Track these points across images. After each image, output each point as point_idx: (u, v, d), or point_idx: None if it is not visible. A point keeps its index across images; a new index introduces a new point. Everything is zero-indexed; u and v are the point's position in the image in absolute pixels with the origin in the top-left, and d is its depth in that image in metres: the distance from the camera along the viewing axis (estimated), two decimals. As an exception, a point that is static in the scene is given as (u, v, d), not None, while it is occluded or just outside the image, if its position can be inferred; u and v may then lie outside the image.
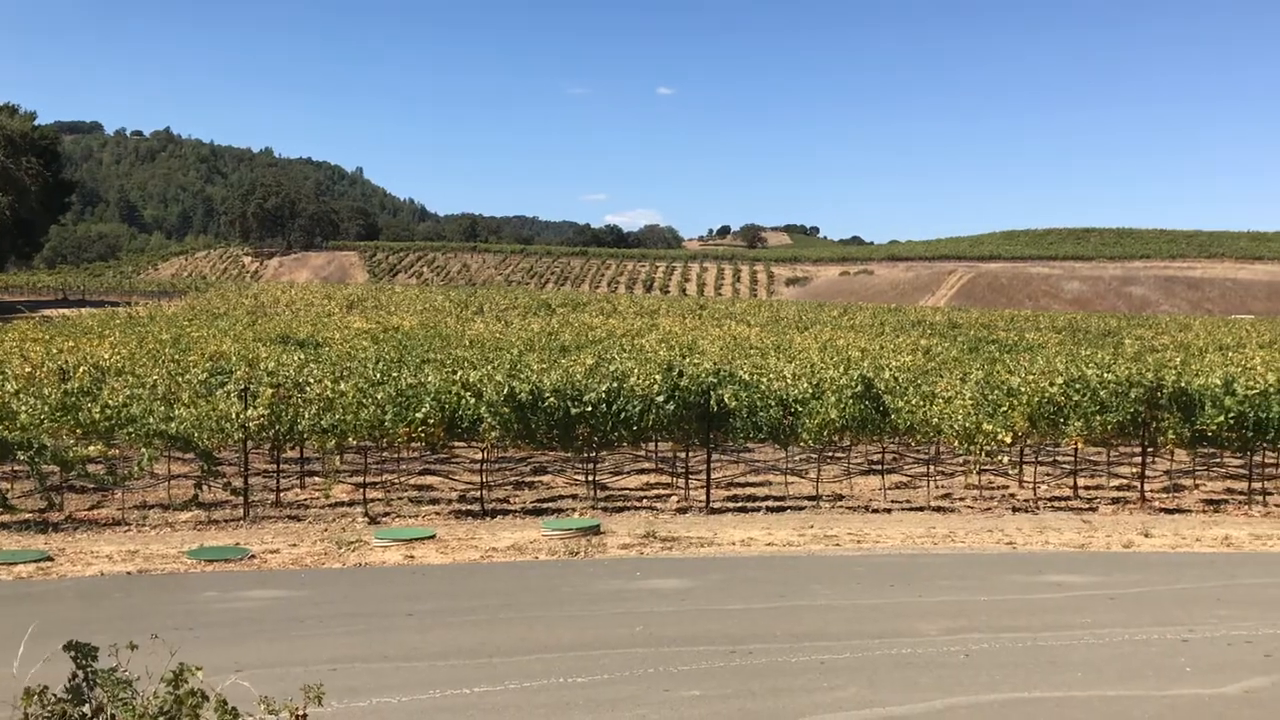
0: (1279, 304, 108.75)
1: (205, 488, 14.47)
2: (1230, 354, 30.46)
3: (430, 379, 15.71)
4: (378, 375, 16.84)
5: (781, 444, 16.34)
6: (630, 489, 17.25)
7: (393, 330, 34.75)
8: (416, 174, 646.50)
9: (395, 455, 19.18)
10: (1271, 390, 15.61)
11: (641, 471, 19.05)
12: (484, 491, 15.82)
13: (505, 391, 14.73)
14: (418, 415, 14.59)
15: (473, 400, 14.89)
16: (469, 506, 15.27)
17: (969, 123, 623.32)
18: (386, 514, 14.61)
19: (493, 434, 14.87)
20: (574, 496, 16.29)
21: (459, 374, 16.10)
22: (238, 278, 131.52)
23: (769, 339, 34.92)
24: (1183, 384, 15.97)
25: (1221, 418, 15.44)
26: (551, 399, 14.83)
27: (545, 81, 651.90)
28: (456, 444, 17.79)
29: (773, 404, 15.89)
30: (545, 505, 15.55)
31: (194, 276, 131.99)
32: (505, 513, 14.91)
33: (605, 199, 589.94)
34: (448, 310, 53.25)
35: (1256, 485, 16.90)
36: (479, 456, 16.86)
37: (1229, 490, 17.77)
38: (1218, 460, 20.60)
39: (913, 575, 11.05)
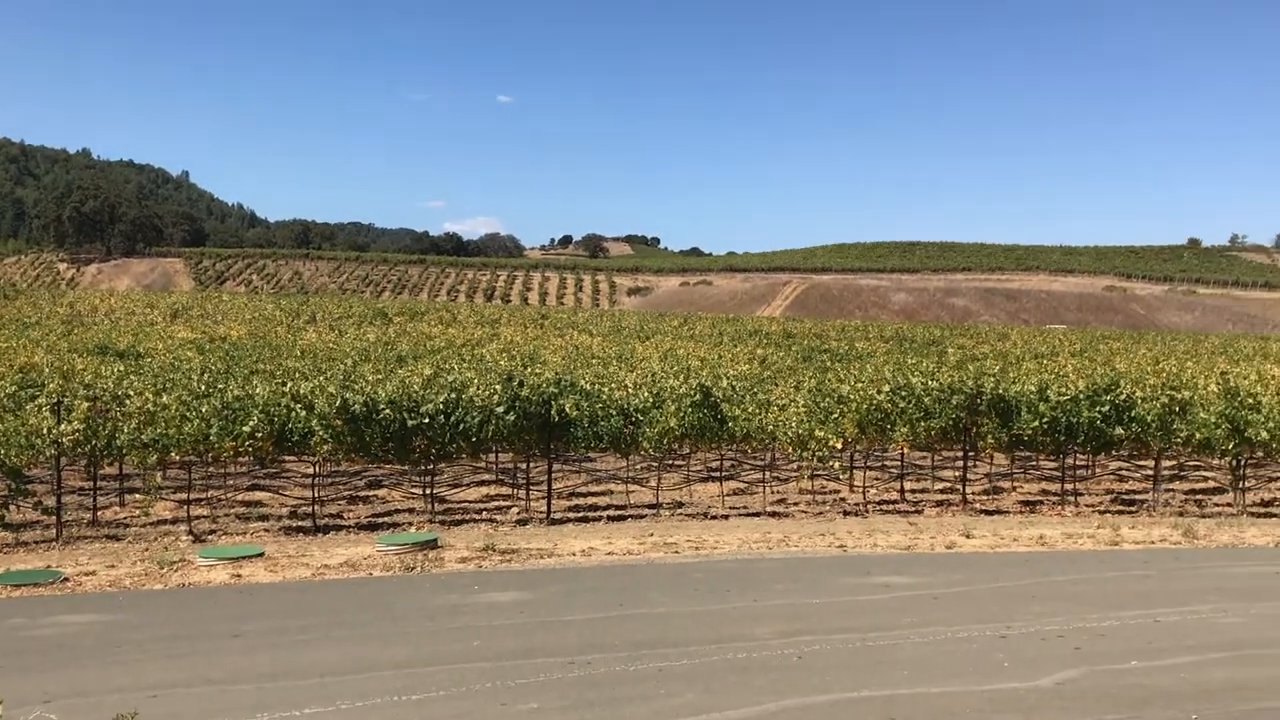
0: (1089, 314, 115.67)
1: (13, 507, 13.59)
2: (1045, 362, 32.23)
3: (259, 391, 15.18)
4: (203, 387, 16.20)
5: (623, 453, 16.42)
6: (470, 501, 17.05)
7: (220, 340, 33.58)
8: (246, 178, 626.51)
9: (222, 470, 18.46)
10: (1081, 396, 16.54)
11: (482, 483, 18.86)
12: (316, 507, 15.37)
13: (338, 403, 14.36)
14: (245, 429, 14.09)
15: (304, 413, 14.46)
16: (300, 523, 14.80)
17: (802, 139, 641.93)
18: (212, 532, 14.03)
19: (325, 447, 14.47)
20: (411, 510, 15.99)
21: (289, 385, 15.62)
22: (52, 285, 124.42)
23: (611, 349, 35.13)
24: (1001, 391, 16.77)
25: (1036, 422, 16.28)
26: (387, 411, 14.53)
27: (383, 85, 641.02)
28: (287, 458, 17.27)
29: (614, 413, 15.96)
30: (381, 520, 15.22)
31: (2, 284, 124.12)
32: (339, 528, 14.51)
33: (444, 206, 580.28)
34: (278, 319, 51.70)
35: (1068, 486, 17.87)
36: (311, 470, 16.38)
37: (1044, 491, 18.74)
38: (1033, 463, 21.71)
39: (749, 580, 11.24)
